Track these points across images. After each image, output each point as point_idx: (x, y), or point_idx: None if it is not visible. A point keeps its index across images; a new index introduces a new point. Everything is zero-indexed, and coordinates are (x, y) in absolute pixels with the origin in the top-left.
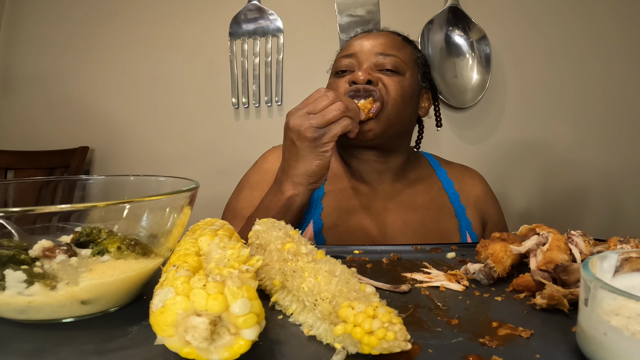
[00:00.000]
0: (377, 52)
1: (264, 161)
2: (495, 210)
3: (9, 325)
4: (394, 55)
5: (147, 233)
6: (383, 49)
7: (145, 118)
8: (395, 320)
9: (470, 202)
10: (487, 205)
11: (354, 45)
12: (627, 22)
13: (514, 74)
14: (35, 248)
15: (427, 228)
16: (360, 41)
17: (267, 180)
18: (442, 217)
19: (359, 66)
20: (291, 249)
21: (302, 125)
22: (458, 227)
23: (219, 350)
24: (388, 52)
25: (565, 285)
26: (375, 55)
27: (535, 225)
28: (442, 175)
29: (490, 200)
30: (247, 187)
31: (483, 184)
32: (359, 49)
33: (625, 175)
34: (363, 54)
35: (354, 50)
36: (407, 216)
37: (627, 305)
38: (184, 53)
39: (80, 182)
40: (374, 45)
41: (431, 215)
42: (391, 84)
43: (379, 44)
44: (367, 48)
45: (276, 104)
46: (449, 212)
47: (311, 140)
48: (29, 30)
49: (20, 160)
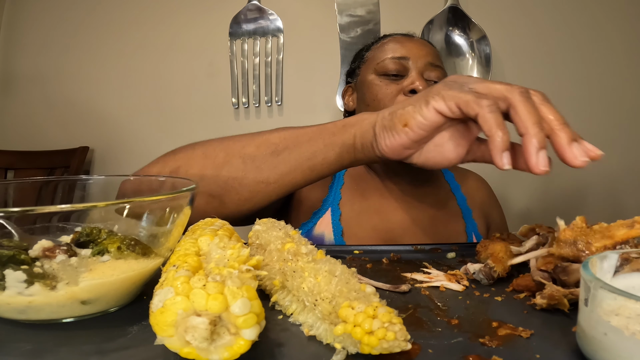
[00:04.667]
0: (429, 61)
1: None
2: (498, 214)
3: (9, 325)
4: (441, 68)
5: (147, 233)
6: (433, 59)
7: (145, 118)
8: (395, 320)
9: (476, 206)
10: (491, 209)
11: (404, 48)
12: (627, 22)
13: (514, 74)
14: (35, 248)
15: (435, 229)
16: (410, 45)
17: None
18: (451, 219)
19: (409, 72)
20: (291, 249)
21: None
22: (465, 229)
23: (219, 350)
24: (437, 63)
25: (565, 285)
26: (426, 64)
27: (535, 225)
28: (449, 179)
29: (494, 204)
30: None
31: (487, 188)
32: (410, 53)
33: (625, 175)
34: (415, 60)
35: (407, 55)
36: (417, 216)
37: (627, 305)
38: (184, 53)
39: (80, 182)
40: (426, 53)
41: (440, 216)
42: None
43: (429, 54)
44: (419, 55)
45: (276, 104)
46: (457, 214)
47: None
48: (29, 30)
49: (20, 160)
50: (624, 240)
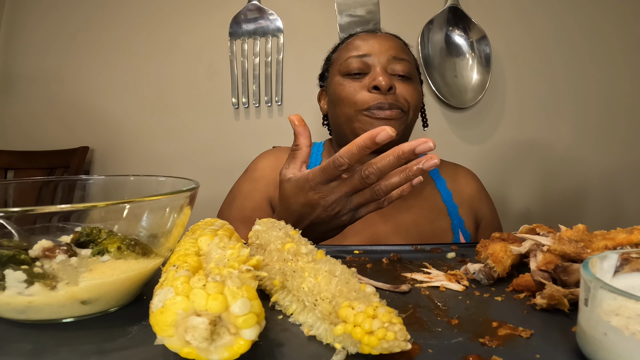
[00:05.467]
0: (392, 55)
1: (255, 169)
2: (489, 209)
3: (9, 325)
4: (406, 60)
5: (147, 233)
6: (397, 53)
7: (145, 118)
8: (395, 320)
9: (463, 201)
10: (480, 204)
11: (365, 45)
12: (626, 22)
13: (514, 74)
14: (35, 248)
15: (420, 228)
16: (372, 42)
17: (259, 189)
18: (435, 216)
19: (373, 68)
20: (291, 249)
21: (345, 206)
22: (451, 226)
23: (218, 350)
24: (401, 57)
25: (565, 285)
26: (389, 59)
27: (535, 225)
28: (434, 174)
29: (484, 198)
30: (239, 197)
31: (476, 182)
32: (371, 50)
33: (625, 175)
34: (377, 56)
35: (367, 51)
36: (399, 216)
37: (627, 305)
38: (184, 53)
39: (80, 182)
40: (388, 48)
41: (424, 214)
42: (408, 91)
43: (392, 47)
44: (381, 50)
45: (276, 104)
46: (442, 211)
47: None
48: (29, 30)
49: (20, 160)
50: (624, 244)
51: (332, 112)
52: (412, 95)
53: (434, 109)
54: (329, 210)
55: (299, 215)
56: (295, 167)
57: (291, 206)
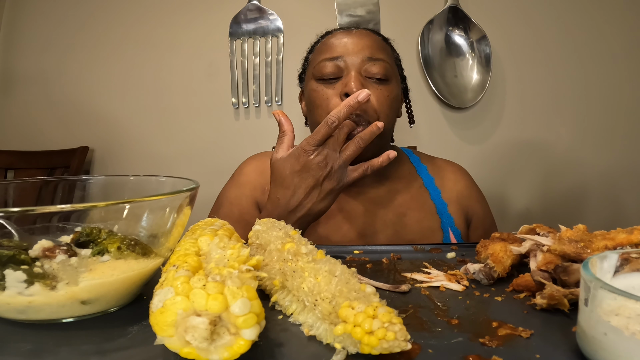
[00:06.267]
0: (367, 56)
1: (241, 174)
2: (481, 206)
3: (9, 325)
4: (383, 60)
5: (147, 233)
6: (372, 53)
7: (145, 118)
8: (395, 320)
9: (453, 198)
10: (471, 201)
11: (338, 46)
12: (626, 23)
13: (514, 74)
14: (35, 248)
15: (408, 228)
16: (344, 41)
17: (246, 194)
18: (423, 216)
19: (346, 72)
20: (291, 249)
21: (335, 162)
22: (440, 225)
23: (218, 350)
24: (377, 57)
25: (565, 285)
26: (363, 60)
27: (535, 225)
28: (422, 172)
29: (475, 195)
30: (225, 204)
31: (466, 179)
32: (344, 51)
33: (625, 175)
34: (350, 57)
35: (340, 53)
36: (387, 217)
37: (627, 305)
38: (184, 53)
39: (80, 182)
40: (362, 48)
41: (412, 214)
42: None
43: (366, 47)
44: (354, 51)
45: (276, 104)
46: (430, 210)
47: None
48: (29, 30)
49: (20, 160)
50: (624, 244)
51: (309, 116)
52: (382, 103)
53: (434, 109)
54: (321, 166)
55: (294, 187)
56: (283, 149)
57: (285, 180)
